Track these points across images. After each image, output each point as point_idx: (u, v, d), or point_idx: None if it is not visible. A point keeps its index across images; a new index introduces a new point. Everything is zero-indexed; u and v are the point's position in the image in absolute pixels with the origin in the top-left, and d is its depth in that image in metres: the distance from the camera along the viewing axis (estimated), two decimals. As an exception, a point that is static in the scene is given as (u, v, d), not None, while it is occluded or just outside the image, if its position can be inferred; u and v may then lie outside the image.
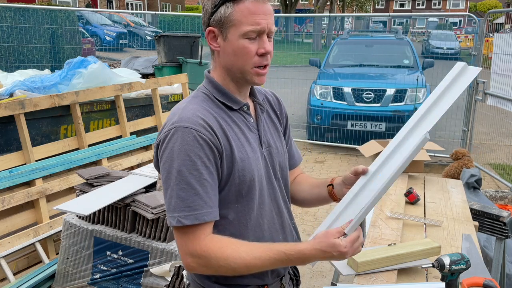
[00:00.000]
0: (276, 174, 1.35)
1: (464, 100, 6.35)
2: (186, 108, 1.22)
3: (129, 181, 2.64)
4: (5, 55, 7.95)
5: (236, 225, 1.25)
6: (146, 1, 37.15)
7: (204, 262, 1.16)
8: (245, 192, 1.24)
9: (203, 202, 1.16)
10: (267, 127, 1.36)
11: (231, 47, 1.20)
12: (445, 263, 1.41)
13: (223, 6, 1.18)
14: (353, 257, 1.74)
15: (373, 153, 3.10)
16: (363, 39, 9.18)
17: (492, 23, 6.83)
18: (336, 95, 6.73)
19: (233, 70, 1.24)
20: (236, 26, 1.18)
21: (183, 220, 1.14)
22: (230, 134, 1.22)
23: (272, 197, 1.33)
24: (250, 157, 1.25)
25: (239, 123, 1.27)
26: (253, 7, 1.17)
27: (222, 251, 1.15)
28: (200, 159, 1.15)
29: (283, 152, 1.39)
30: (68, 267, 2.60)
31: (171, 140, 1.16)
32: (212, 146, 1.17)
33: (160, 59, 6.48)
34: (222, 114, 1.25)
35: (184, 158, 1.14)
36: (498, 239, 2.54)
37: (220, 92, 1.26)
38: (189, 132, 1.15)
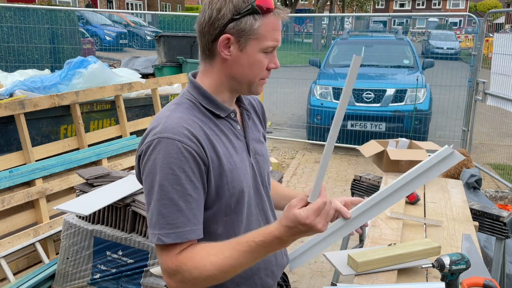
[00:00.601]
0: (264, 181, 1.31)
1: (464, 100, 6.35)
2: (170, 117, 1.13)
3: (129, 181, 2.64)
4: (5, 55, 7.96)
5: (224, 239, 1.15)
6: (146, 1, 37.15)
7: (179, 278, 1.09)
8: (234, 204, 1.19)
9: (187, 220, 1.09)
10: (253, 134, 1.31)
11: (248, 59, 1.15)
12: (445, 263, 1.41)
13: (250, 17, 1.12)
14: (353, 257, 1.74)
15: (373, 153, 3.11)
16: (363, 39, 9.18)
17: (492, 23, 6.83)
18: (336, 95, 6.73)
19: (240, 80, 1.19)
20: (258, 40, 1.14)
21: (163, 238, 1.07)
22: (218, 144, 1.16)
23: (260, 207, 1.29)
24: (238, 167, 1.19)
25: (227, 132, 1.21)
26: (275, 22, 1.15)
27: (192, 261, 1.08)
28: (184, 173, 1.08)
29: (267, 158, 1.35)
30: (68, 267, 2.60)
31: (153, 152, 1.09)
32: (198, 158, 1.10)
33: (160, 59, 6.48)
34: (209, 123, 1.18)
35: (167, 171, 1.07)
36: (498, 239, 2.54)
37: (207, 99, 1.19)
38: (173, 144, 1.08)
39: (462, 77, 6.71)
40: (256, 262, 1.12)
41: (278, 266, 1.35)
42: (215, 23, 1.13)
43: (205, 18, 1.15)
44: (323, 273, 3.46)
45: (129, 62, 7.35)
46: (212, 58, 1.19)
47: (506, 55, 5.27)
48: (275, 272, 1.33)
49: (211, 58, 1.19)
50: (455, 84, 6.69)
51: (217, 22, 1.13)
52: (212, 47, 1.16)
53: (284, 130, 7.82)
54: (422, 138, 6.30)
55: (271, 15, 1.13)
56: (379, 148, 3.10)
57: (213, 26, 1.14)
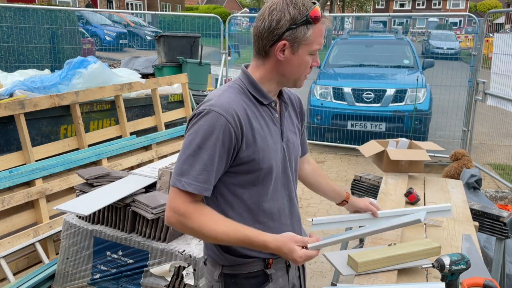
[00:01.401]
0: (292, 166, 1.52)
1: (464, 100, 6.35)
2: (222, 96, 1.37)
3: (129, 181, 2.64)
4: (5, 55, 7.95)
5: (249, 205, 1.42)
6: (146, 1, 37.14)
7: (181, 220, 1.33)
8: (262, 178, 1.40)
9: (207, 179, 1.32)
10: (288, 123, 1.53)
11: (298, 61, 1.38)
12: (445, 263, 1.41)
13: (304, 26, 1.34)
14: (353, 257, 1.74)
15: (373, 153, 3.11)
16: (363, 39, 9.18)
17: (492, 23, 6.83)
18: (336, 95, 6.73)
19: (289, 78, 1.42)
20: (308, 45, 1.36)
21: (187, 186, 1.31)
22: (255, 126, 1.38)
23: (285, 186, 1.50)
24: (270, 148, 1.41)
25: (265, 117, 1.43)
26: (321, 29, 1.37)
27: (199, 217, 1.32)
28: (218, 142, 1.31)
29: (298, 147, 1.57)
30: (68, 267, 2.60)
31: (202, 118, 1.33)
32: (233, 135, 1.32)
33: (160, 59, 6.48)
34: (252, 107, 1.40)
35: (207, 138, 1.31)
36: (498, 239, 2.54)
37: (255, 88, 1.42)
38: (218, 117, 1.31)
39: (462, 77, 6.71)
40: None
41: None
42: (274, 31, 1.35)
43: (265, 26, 1.36)
44: (323, 273, 3.46)
45: (129, 62, 7.34)
46: (267, 58, 1.41)
47: (506, 55, 5.27)
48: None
49: (265, 58, 1.41)
50: (455, 84, 6.69)
51: (276, 31, 1.35)
52: (269, 50, 1.38)
53: (284, 130, 7.80)
54: (422, 138, 6.30)
55: (319, 23, 1.36)
56: (379, 148, 3.10)
57: (272, 34, 1.35)
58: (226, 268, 1.47)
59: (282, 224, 1.48)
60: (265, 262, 1.47)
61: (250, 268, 1.46)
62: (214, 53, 8.74)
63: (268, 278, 1.48)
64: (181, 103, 4.99)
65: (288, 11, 1.33)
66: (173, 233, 2.33)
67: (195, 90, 5.81)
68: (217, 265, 1.49)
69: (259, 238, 1.33)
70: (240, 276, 1.47)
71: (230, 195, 1.41)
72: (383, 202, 2.51)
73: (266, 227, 1.43)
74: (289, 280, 1.56)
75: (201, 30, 9.04)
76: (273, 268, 1.48)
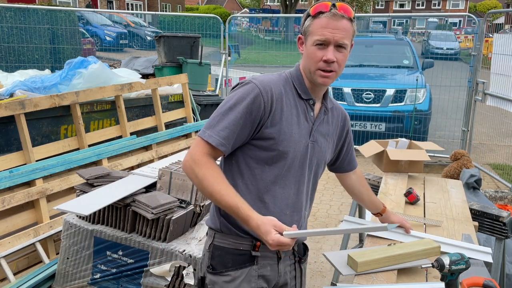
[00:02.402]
0: (311, 165, 1.58)
1: (464, 100, 6.35)
2: (266, 76, 1.52)
3: (129, 181, 2.64)
4: (5, 55, 7.96)
5: (258, 180, 1.50)
6: (146, 2, 37.13)
7: (191, 166, 1.45)
8: (276, 160, 1.49)
9: (227, 136, 1.44)
10: (322, 127, 1.59)
11: (307, 52, 1.50)
12: (444, 263, 1.41)
13: (308, 19, 1.50)
14: (353, 257, 1.75)
15: (373, 153, 3.11)
16: (363, 39, 9.18)
17: (492, 24, 6.83)
18: (336, 95, 6.73)
19: (306, 69, 1.53)
20: (311, 36, 1.48)
21: (208, 137, 1.45)
22: (286, 111, 1.49)
23: (297, 179, 1.55)
24: (293, 136, 1.49)
25: (299, 109, 1.52)
26: (326, 22, 1.45)
27: (208, 170, 1.44)
28: (247, 109, 1.43)
29: (326, 154, 1.63)
30: (68, 267, 2.60)
31: (242, 87, 1.48)
32: (262, 108, 1.44)
33: (160, 59, 6.48)
34: (290, 96, 1.51)
35: (239, 102, 1.44)
36: (498, 239, 2.54)
37: (299, 80, 1.55)
38: (254, 89, 1.45)
39: (462, 77, 6.71)
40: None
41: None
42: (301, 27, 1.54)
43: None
44: (323, 273, 3.46)
45: (129, 62, 7.34)
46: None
47: (505, 55, 5.28)
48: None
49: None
50: (455, 84, 6.69)
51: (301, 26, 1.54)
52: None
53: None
54: (422, 138, 6.30)
55: (321, 16, 1.46)
56: (379, 148, 3.11)
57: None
58: (217, 237, 1.57)
59: (281, 212, 1.53)
60: (253, 243, 1.52)
61: (237, 245, 1.54)
62: (214, 53, 8.75)
63: (253, 260, 1.53)
64: (181, 103, 4.99)
65: (308, 10, 1.52)
66: (173, 233, 2.33)
67: (195, 90, 5.81)
68: (211, 233, 1.60)
69: (245, 211, 1.40)
70: (226, 250, 1.54)
71: (244, 166, 1.51)
72: (383, 202, 2.51)
73: (266, 208, 1.50)
74: (278, 273, 1.58)
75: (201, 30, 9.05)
76: (260, 252, 1.53)
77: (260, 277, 1.54)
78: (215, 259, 1.56)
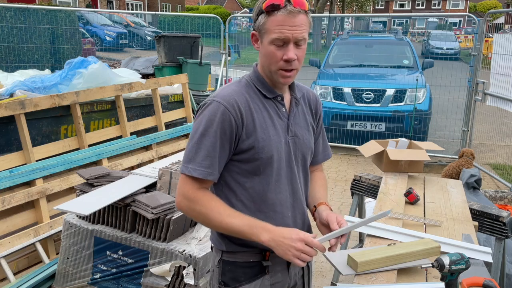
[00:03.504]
0: (298, 161, 1.54)
1: (464, 100, 6.35)
2: (226, 88, 1.47)
3: (129, 181, 2.65)
4: (6, 55, 7.96)
5: (251, 194, 1.46)
6: (146, 2, 37.12)
7: (190, 205, 1.42)
8: (263, 168, 1.45)
9: (211, 164, 1.40)
10: (298, 119, 1.54)
11: (264, 50, 1.43)
12: (444, 263, 1.41)
13: (261, 16, 1.40)
14: (353, 257, 1.75)
15: (373, 153, 3.11)
16: (363, 39, 9.18)
17: (491, 23, 6.83)
18: (336, 95, 6.73)
19: (265, 69, 1.47)
20: (267, 34, 1.39)
21: (193, 172, 1.40)
22: (257, 117, 1.44)
23: (289, 179, 1.52)
24: (272, 139, 1.45)
25: (270, 110, 1.48)
26: (282, 19, 1.36)
27: (207, 203, 1.40)
28: (220, 131, 1.39)
29: (308, 143, 1.57)
30: (68, 267, 2.60)
31: (206, 109, 1.42)
32: (233, 123, 1.39)
33: (160, 59, 6.48)
34: (256, 100, 1.46)
35: (209, 126, 1.39)
36: (498, 239, 2.54)
37: (260, 81, 1.49)
38: (219, 107, 1.39)
39: (462, 77, 6.72)
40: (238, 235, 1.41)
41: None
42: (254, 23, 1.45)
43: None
44: (323, 273, 3.46)
45: (129, 62, 7.35)
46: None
47: (505, 55, 5.28)
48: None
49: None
50: (455, 84, 6.69)
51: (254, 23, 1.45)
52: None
53: (284, 130, 7.80)
54: (422, 138, 6.30)
55: (276, 12, 1.36)
56: (379, 148, 3.11)
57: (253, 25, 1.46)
58: (225, 254, 1.52)
59: (283, 216, 1.50)
60: (262, 253, 1.49)
61: (247, 258, 1.50)
62: (214, 53, 8.75)
63: (265, 270, 1.50)
64: (181, 103, 4.99)
65: (259, 4, 1.41)
66: (173, 233, 2.33)
67: (195, 90, 5.81)
68: (218, 251, 1.54)
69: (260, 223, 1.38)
70: (237, 264, 1.50)
71: (234, 183, 1.47)
72: (383, 202, 2.51)
73: (267, 217, 1.46)
74: (289, 277, 1.57)
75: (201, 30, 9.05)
76: (270, 261, 1.50)
77: (272, 285, 1.53)
78: (226, 274, 1.52)
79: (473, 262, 1.70)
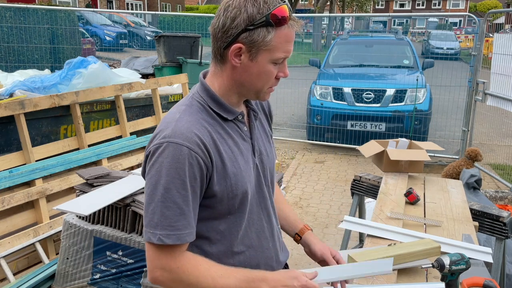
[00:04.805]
0: (267, 181, 1.34)
1: (464, 100, 6.35)
2: (180, 120, 1.16)
3: (129, 181, 2.64)
4: (5, 55, 7.95)
5: (226, 235, 1.25)
6: (146, 1, 37.14)
7: (174, 277, 1.15)
8: (238, 205, 1.23)
9: (187, 223, 1.14)
10: (259, 134, 1.34)
11: (257, 69, 1.17)
12: (445, 263, 1.41)
13: (263, 28, 1.12)
14: (353, 257, 1.74)
15: (373, 153, 3.11)
16: (363, 39, 9.18)
17: (492, 23, 6.83)
18: (336, 95, 6.73)
19: (248, 88, 1.21)
20: (270, 51, 1.15)
21: (164, 239, 1.11)
22: (224, 148, 1.19)
23: (263, 206, 1.33)
24: (242, 170, 1.23)
25: (233, 134, 1.24)
26: (289, 34, 1.15)
27: (196, 270, 1.15)
28: (189, 178, 1.12)
29: (272, 157, 1.39)
30: (68, 267, 2.60)
31: (162, 155, 1.11)
32: (203, 165, 1.14)
33: (160, 59, 6.48)
34: (216, 126, 1.21)
35: (174, 176, 1.10)
36: (498, 239, 2.54)
37: (216, 102, 1.22)
38: (181, 150, 1.11)
39: (462, 77, 6.71)
40: None
41: (278, 263, 1.40)
42: (229, 31, 1.14)
43: (219, 25, 1.15)
44: (323, 273, 3.46)
45: (129, 62, 7.35)
46: (223, 63, 1.20)
47: (506, 55, 5.27)
48: (275, 268, 1.38)
49: (222, 63, 1.20)
50: (455, 84, 6.69)
51: (230, 31, 1.13)
52: (224, 53, 1.17)
53: (284, 130, 7.82)
54: (422, 138, 6.30)
55: (284, 27, 1.14)
56: (379, 148, 3.10)
57: (226, 34, 1.14)
58: None
59: (263, 249, 1.33)
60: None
61: None
62: (214, 53, 8.73)
63: None
64: (181, 103, 4.99)
65: (246, 9, 1.11)
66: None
67: (195, 90, 5.81)
68: None
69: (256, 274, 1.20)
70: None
71: (206, 230, 1.23)
72: (383, 202, 2.51)
73: (247, 257, 1.29)
74: None
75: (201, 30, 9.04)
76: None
77: None
78: None
79: (473, 262, 1.70)
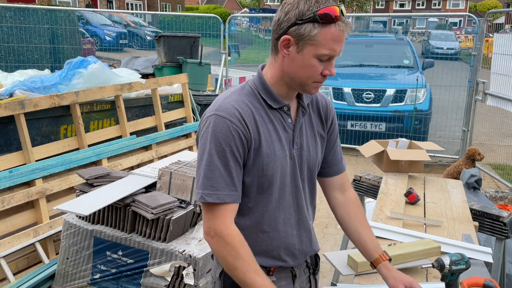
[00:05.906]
0: (303, 175, 1.43)
1: (464, 100, 6.35)
2: (228, 98, 1.32)
3: (129, 181, 2.64)
4: (5, 55, 7.95)
5: (255, 213, 1.37)
6: (146, 1, 37.13)
7: (220, 243, 1.27)
8: (266, 186, 1.34)
9: (225, 185, 1.27)
10: (305, 130, 1.43)
11: (302, 61, 1.28)
12: (445, 263, 1.41)
13: (310, 24, 1.24)
14: (353, 257, 1.75)
15: (373, 153, 3.11)
16: (363, 39, 9.18)
17: (492, 23, 6.83)
18: (336, 95, 6.73)
19: (294, 79, 1.32)
20: (315, 46, 1.25)
21: (206, 197, 1.27)
22: (262, 130, 1.32)
23: (294, 195, 1.42)
24: (277, 154, 1.34)
25: (275, 121, 1.36)
26: (336, 34, 1.25)
27: (241, 249, 1.27)
28: (229, 148, 1.26)
29: (315, 156, 1.46)
30: (68, 267, 2.60)
31: (209, 126, 1.28)
32: (243, 137, 1.28)
33: (160, 59, 6.48)
34: (260, 111, 1.34)
35: (216, 144, 1.26)
36: (498, 239, 2.54)
37: (265, 90, 1.35)
38: (224, 122, 1.27)
39: (462, 77, 6.71)
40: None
41: (302, 252, 1.47)
42: (281, 24, 1.28)
43: (276, 18, 1.30)
44: (323, 273, 3.46)
45: (129, 62, 7.34)
46: (276, 54, 1.33)
47: (506, 55, 5.27)
48: (297, 256, 1.46)
49: (275, 54, 1.34)
50: (455, 84, 6.69)
51: (282, 24, 1.28)
52: (276, 44, 1.31)
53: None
54: (422, 138, 6.30)
55: (332, 25, 1.24)
56: (379, 148, 3.10)
57: (279, 26, 1.29)
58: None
59: (288, 235, 1.42)
60: (267, 269, 1.42)
61: None
62: (214, 53, 8.74)
63: None
64: (181, 103, 4.99)
65: (298, 5, 1.25)
66: (173, 233, 2.33)
67: (195, 90, 5.81)
68: (219, 262, 1.44)
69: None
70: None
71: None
72: (383, 202, 2.51)
73: (270, 238, 1.40)
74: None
75: (201, 30, 9.05)
76: (275, 276, 1.44)
77: None
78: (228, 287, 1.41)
79: (473, 262, 1.70)
